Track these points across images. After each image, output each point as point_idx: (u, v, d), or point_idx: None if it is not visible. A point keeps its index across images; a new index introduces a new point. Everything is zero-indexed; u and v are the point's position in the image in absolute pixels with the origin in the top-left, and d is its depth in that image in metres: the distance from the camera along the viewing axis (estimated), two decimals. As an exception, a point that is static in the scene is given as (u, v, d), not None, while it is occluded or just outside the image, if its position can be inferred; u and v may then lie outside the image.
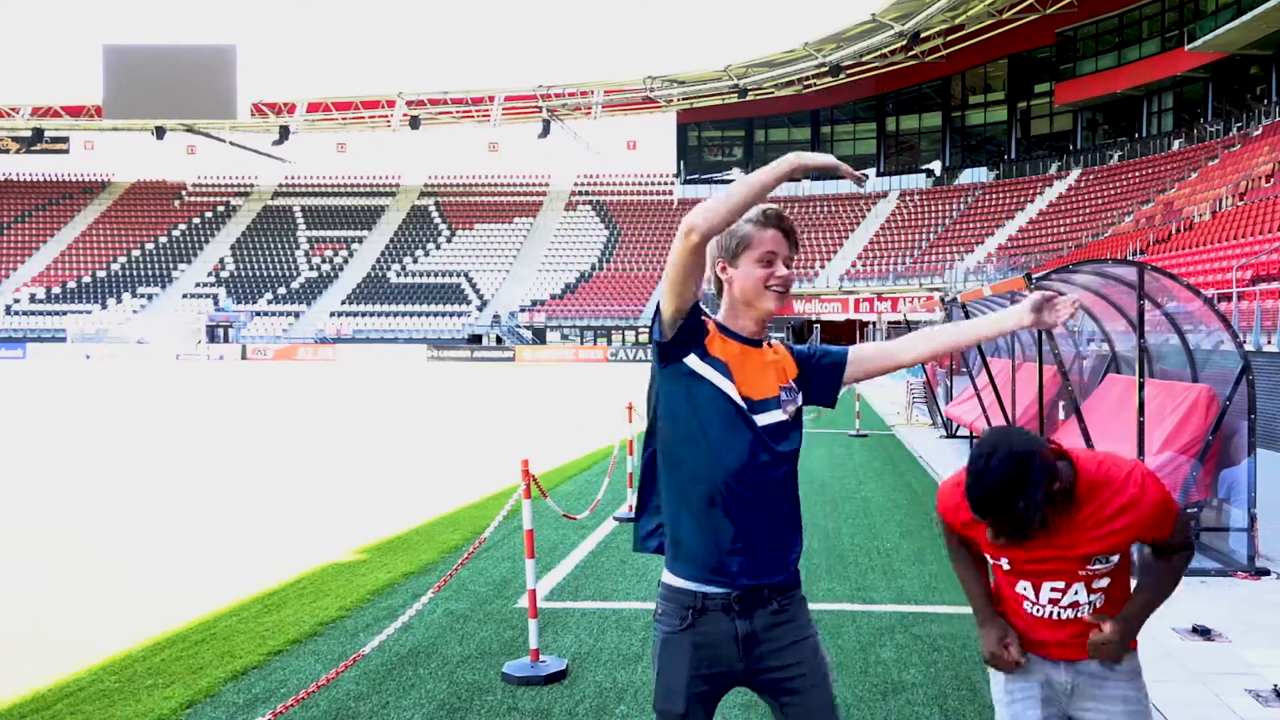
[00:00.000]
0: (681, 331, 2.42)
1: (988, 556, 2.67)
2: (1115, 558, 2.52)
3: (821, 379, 2.58)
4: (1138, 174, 48.65)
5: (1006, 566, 2.60)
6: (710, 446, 2.41)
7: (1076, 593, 2.55)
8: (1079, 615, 2.56)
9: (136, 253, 68.92)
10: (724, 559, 2.42)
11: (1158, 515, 2.49)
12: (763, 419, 2.44)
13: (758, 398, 2.45)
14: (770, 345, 2.55)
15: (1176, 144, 48.92)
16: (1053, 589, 2.56)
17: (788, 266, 2.50)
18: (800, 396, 2.54)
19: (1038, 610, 2.59)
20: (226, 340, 60.23)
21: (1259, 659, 5.11)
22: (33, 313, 62.72)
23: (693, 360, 2.43)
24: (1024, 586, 2.60)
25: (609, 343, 58.37)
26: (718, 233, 2.33)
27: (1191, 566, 7.03)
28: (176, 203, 74.38)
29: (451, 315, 61.60)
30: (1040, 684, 2.62)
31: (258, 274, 67.03)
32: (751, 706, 4.43)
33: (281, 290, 65.38)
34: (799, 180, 69.06)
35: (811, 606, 2.61)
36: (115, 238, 70.25)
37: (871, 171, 67.74)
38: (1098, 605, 2.56)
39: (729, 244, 2.48)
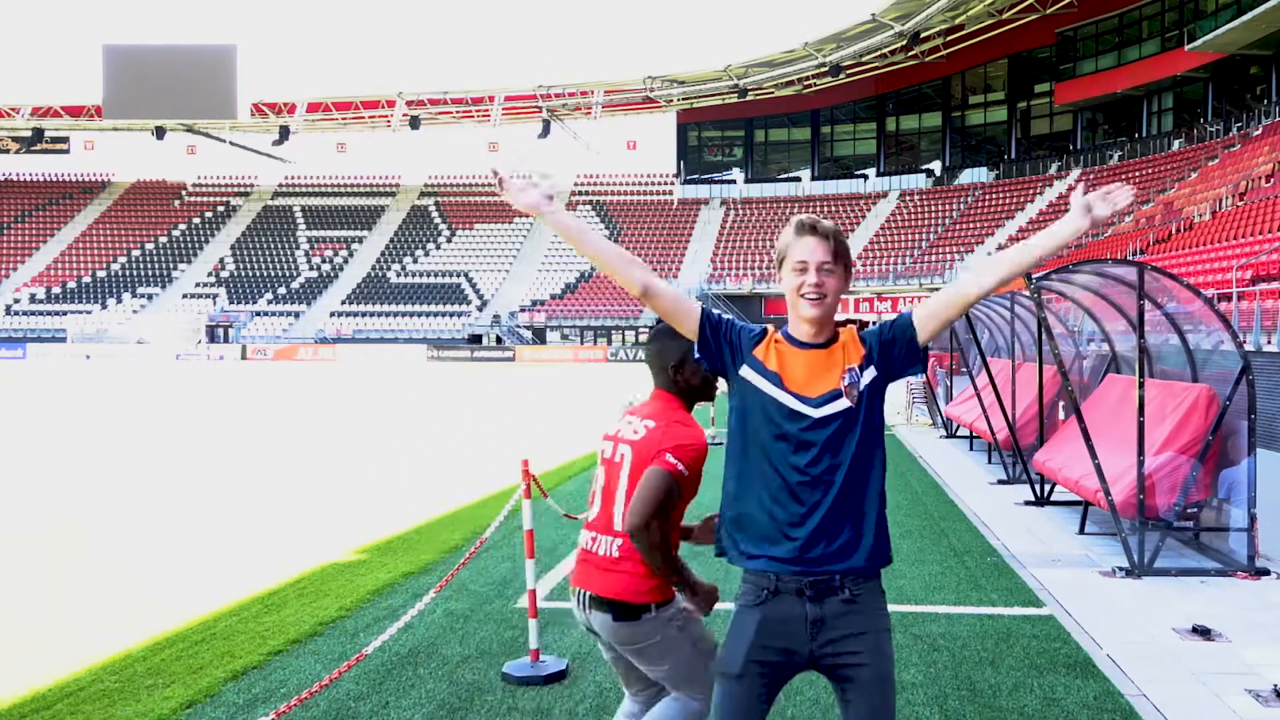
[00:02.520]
0: (709, 345, 2.65)
1: None
2: None
3: (897, 349, 2.63)
4: (1138, 174, 48.64)
5: None
6: (770, 445, 2.56)
7: None
8: None
9: (136, 253, 68.91)
10: (796, 547, 2.54)
11: None
12: (821, 411, 2.55)
13: (815, 394, 2.56)
14: (839, 340, 2.63)
15: (1176, 144, 48.92)
16: None
17: (825, 272, 2.58)
18: (868, 374, 2.59)
19: None
20: (226, 340, 60.23)
21: (1259, 659, 5.11)
22: (33, 313, 62.71)
23: (745, 371, 2.62)
24: None
25: (609, 343, 58.36)
26: (624, 283, 2.61)
27: (1191, 566, 7.06)
28: (176, 203, 74.37)
29: (451, 315, 61.59)
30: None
31: (258, 274, 67.01)
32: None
33: (281, 290, 65.37)
34: (799, 180, 69.26)
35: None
36: (115, 238, 70.24)
37: (871, 171, 67.81)
38: None
39: (777, 257, 2.66)
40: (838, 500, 2.53)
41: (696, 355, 2.67)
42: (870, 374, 2.59)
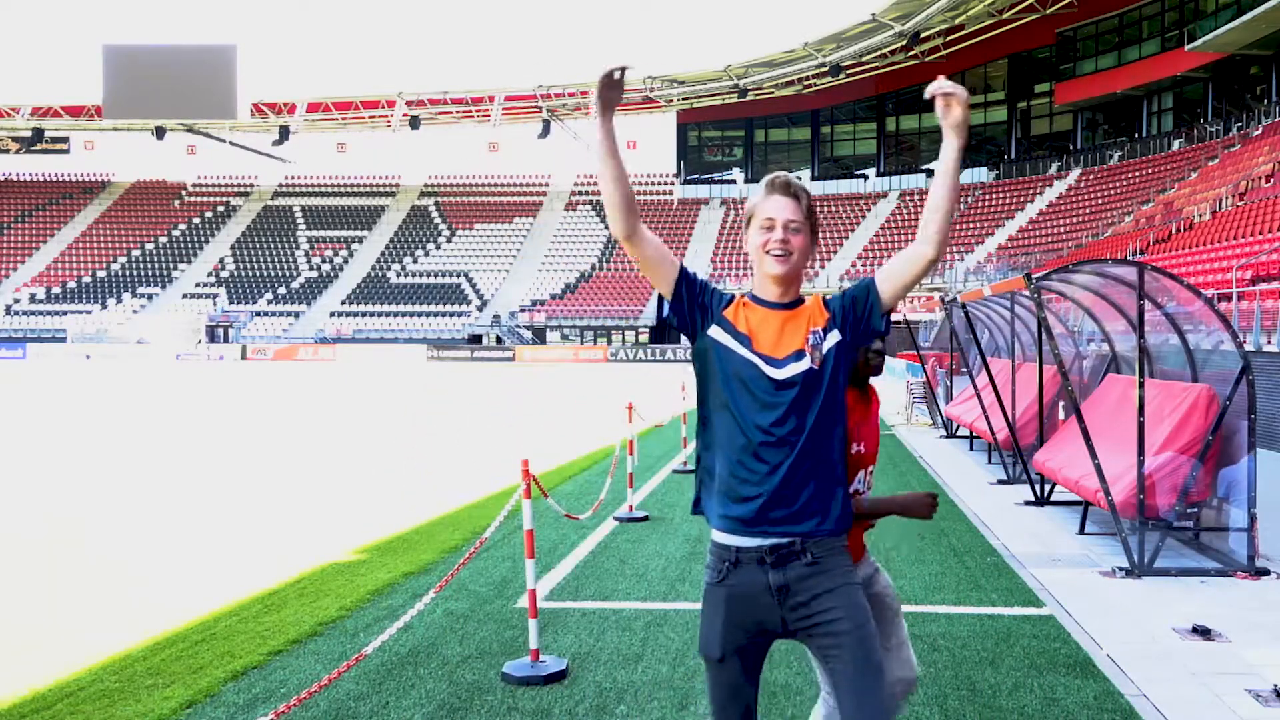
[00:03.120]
0: (682, 302, 2.63)
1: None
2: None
3: (860, 309, 2.63)
4: (1138, 174, 48.64)
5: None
6: (736, 405, 2.55)
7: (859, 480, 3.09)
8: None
9: (136, 253, 68.92)
10: (756, 511, 2.53)
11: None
12: (785, 372, 2.54)
13: (781, 355, 2.56)
14: (805, 304, 2.64)
15: (1176, 144, 48.91)
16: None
17: (793, 231, 2.58)
18: (832, 337, 2.59)
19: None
20: (226, 340, 60.23)
21: (1259, 659, 5.11)
22: (33, 313, 62.72)
23: (714, 330, 2.60)
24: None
25: (609, 343, 58.35)
26: (616, 218, 2.58)
27: (1191, 566, 7.06)
28: (176, 203, 74.37)
29: (451, 315, 61.59)
30: None
31: (258, 274, 67.02)
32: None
33: (281, 290, 65.37)
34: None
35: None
36: (115, 238, 70.24)
37: (871, 171, 67.82)
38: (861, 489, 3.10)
39: (745, 216, 2.65)
40: (798, 462, 2.52)
41: (666, 313, 2.66)
42: (835, 337, 2.58)
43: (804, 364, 2.54)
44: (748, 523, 2.53)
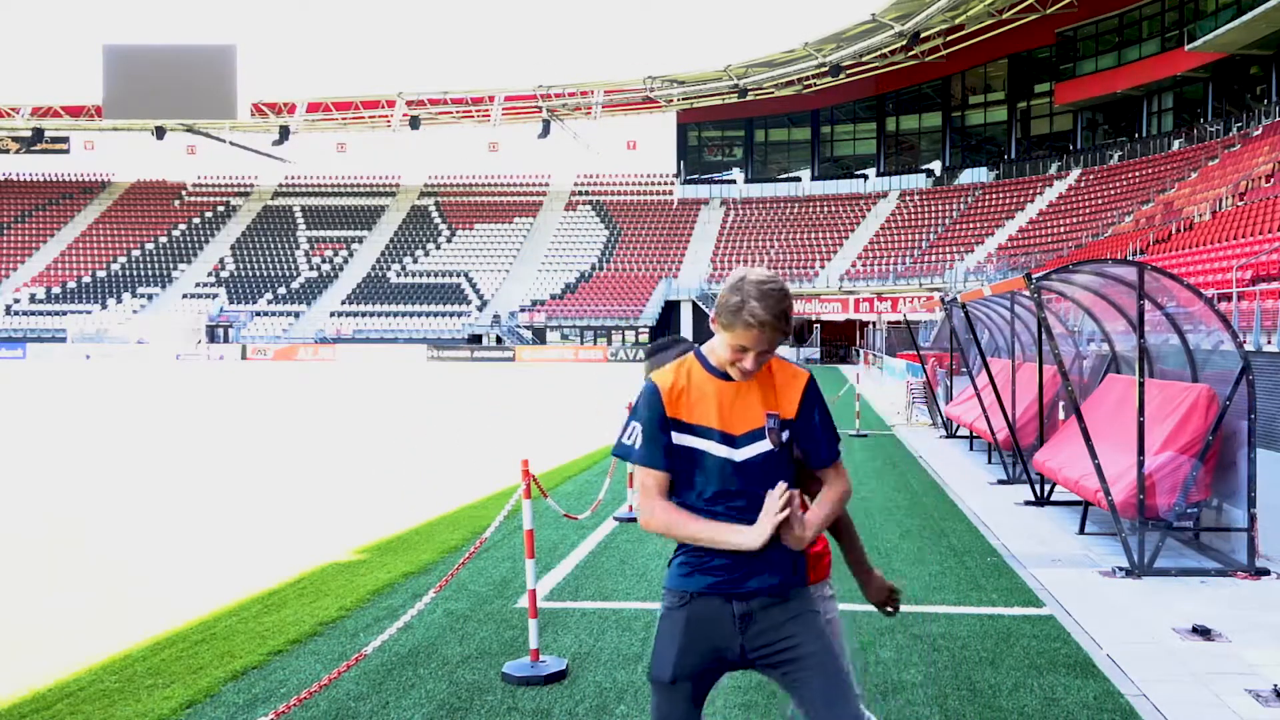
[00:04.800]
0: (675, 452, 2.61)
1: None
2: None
3: (810, 446, 2.65)
4: (1138, 174, 48.63)
5: None
6: (691, 483, 2.58)
7: None
8: None
9: (136, 253, 68.91)
10: (717, 573, 2.57)
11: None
12: (744, 453, 2.56)
13: (738, 432, 2.56)
14: (765, 369, 2.61)
15: (1176, 144, 48.90)
16: None
17: (762, 355, 2.54)
18: (787, 434, 2.59)
19: None
20: (226, 340, 60.23)
21: (1259, 659, 5.11)
22: (33, 313, 62.70)
23: (676, 436, 2.57)
24: None
25: (609, 343, 58.35)
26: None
27: (1191, 566, 7.06)
28: (176, 203, 74.36)
29: (451, 315, 61.59)
30: None
31: (258, 274, 67.01)
32: (751, 706, 4.43)
33: (281, 290, 65.37)
34: (799, 180, 69.28)
35: (811, 606, 2.62)
36: (115, 238, 70.23)
37: (871, 171, 67.81)
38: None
39: (722, 315, 2.54)
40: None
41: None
42: (787, 433, 2.60)
43: (764, 445, 2.57)
44: (707, 578, 2.58)
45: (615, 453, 2.66)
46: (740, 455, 2.54)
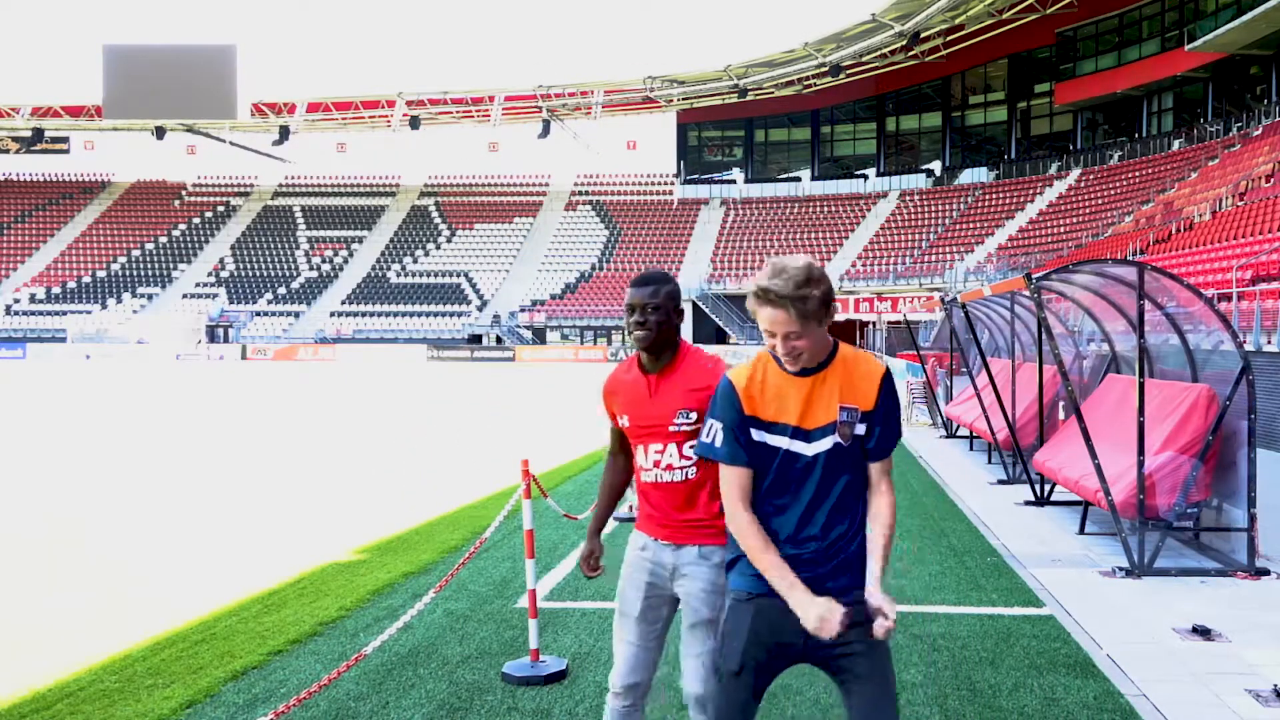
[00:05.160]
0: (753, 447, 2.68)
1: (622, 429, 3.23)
2: (694, 415, 3.02)
3: (875, 437, 2.67)
4: (1138, 174, 48.62)
5: (626, 424, 3.18)
6: (763, 484, 2.65)
7: (671, 454, 3.07)
8: (675, 480, 3.07)
9: (136, 253, 68.90)
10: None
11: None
12: (815, 448, 2.61)
13: (812, 427, 2.61)
14: (836, 361, 2.64)
15: (1176, 144, 48.89)
16: (655, 450, 3.09)
17: (795, 338, 2.55)
18: (861, 426, 2.63)
19: (647, 475, 3.12)
20: (226, 340, 60.22)
21: (1259, 659, 5.11)
22: (33, 313, 62.69)
23: (755, 433, 2.64)
24: (639, 453, 3.14)
25: (609, 343, 58.34)
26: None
27: (1191, 566, 7.05)
28: (176, 203, 74.35)
29: (451, 315, 61.58)
30: (651, 565, 3.16)
31: (258, 274, 67.00)
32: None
33: (281, 290, 65.36)
34: (799, 180, 69.28)
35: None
36: (115, 238, 70.22)
37: (871, 171, 67.80)
38: (690, 476, 3.05)
39: (748, 299, 2.67)
40: (830, 529, 2.61)
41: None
42: (863, 427, 2.63)
43: (832, 439, 2.62)
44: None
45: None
46: (811, 450, 2.60)
